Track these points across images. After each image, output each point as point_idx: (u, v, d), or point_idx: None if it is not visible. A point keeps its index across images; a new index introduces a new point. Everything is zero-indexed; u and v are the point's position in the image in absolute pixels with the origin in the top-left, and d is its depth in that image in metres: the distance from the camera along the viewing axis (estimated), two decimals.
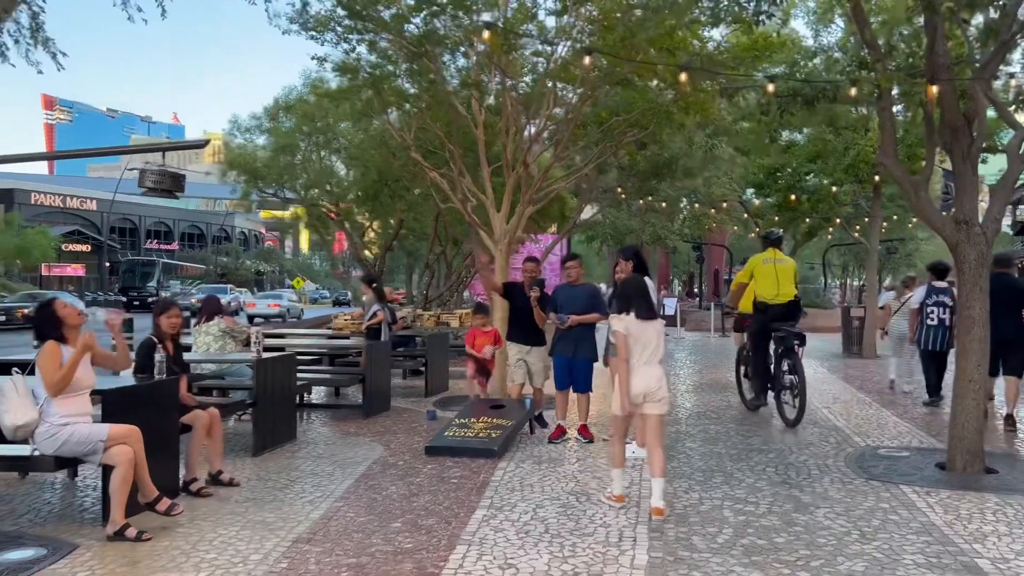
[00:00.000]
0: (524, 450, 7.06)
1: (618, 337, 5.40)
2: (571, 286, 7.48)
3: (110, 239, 67.34)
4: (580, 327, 7.25)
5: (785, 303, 8.67)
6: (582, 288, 7.47)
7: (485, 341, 8.51)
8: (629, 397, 5.28)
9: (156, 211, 79.13)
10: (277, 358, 7.22)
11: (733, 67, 7.81)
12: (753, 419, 8.73)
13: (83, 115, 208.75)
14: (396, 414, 9.08)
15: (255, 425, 6.83)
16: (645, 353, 5.32)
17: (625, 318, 5.43)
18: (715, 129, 12.93)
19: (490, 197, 10.15)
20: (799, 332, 8.55)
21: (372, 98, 10.00)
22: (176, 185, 8.92)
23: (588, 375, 7.41)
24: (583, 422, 7.47)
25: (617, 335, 5.39)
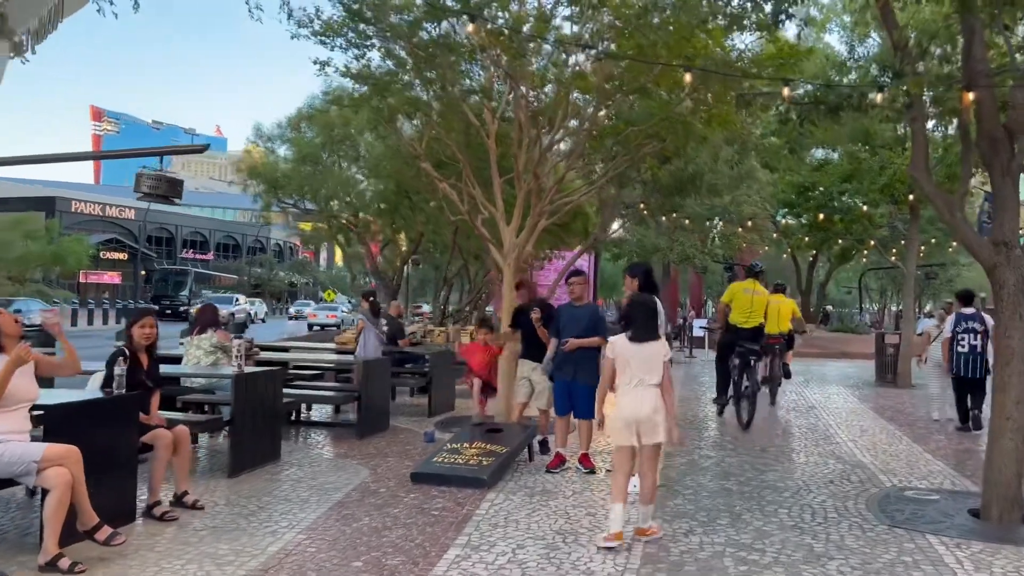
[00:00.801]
0: (518, 480, 6.57)
1: (606, 360, 5.10)
2: (573, 306, 7.00)
3: (147, 248, 68.39)
4: (581, 350, 6.76)
5: (751, 328, 9.99)
6: (584, 308, 6.99)
7: (484, 358, 8.05)
8: (611, 428, 5.00)
9: (193, 221, 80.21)
10: (260, 373, 6.84)
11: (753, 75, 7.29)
12: (772, 452, 8.14)
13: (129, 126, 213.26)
14: (393, 434, 8.65)
15: (231, 444, 6.44)
16: (635, 377, 4.96)
17: (615, 340, 5.12)
18: (742, 144, 12.38)
19: (500, 210, 9.72)
20: (757, 351, 9.90)
21: (381, 105, 9.64)
22: (173, 191, 8.61)
23: (589, 400, 6.87)
24: (584, 451, 6.96)
25: (605, 361, 5.13)
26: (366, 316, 10.39)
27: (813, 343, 23.17)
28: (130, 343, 5.54)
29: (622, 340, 5.06)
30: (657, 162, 12.07)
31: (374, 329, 10.16)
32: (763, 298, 10.22)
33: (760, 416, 10.71)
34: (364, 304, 10.91)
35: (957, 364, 9.58)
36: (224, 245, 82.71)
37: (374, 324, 10.23)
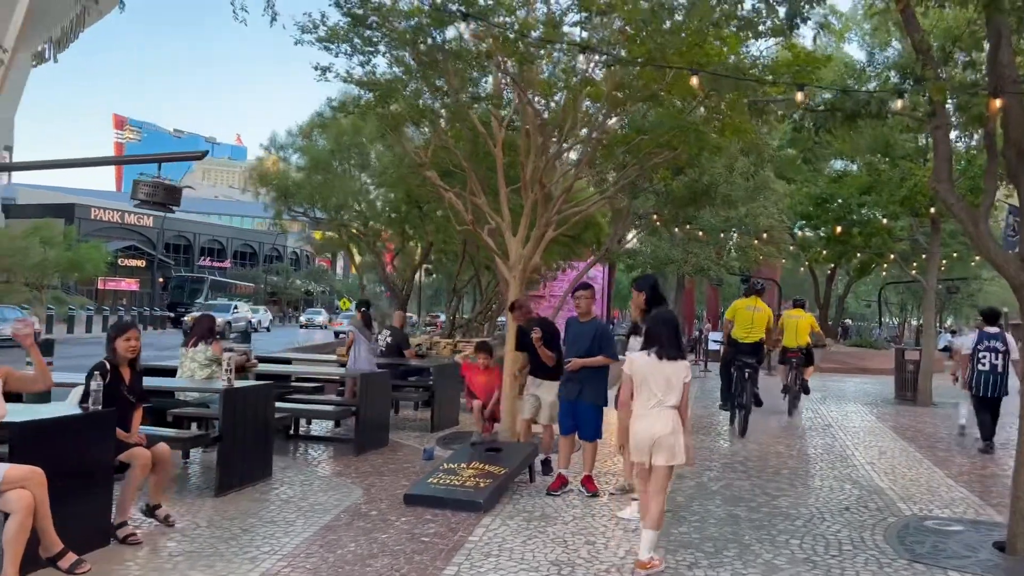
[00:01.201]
0: (517, 502, 6.28)
1: (623, 377, 4.83)
2: (580, 321, 6.71)
3: (165, 255, 68.80)
4: (586, 368, 6.47)
5: (751, 343, 10.57)
6: (590, 324, 6.68)
7: (485, 380, 7.80)
8: (632, 447, 4.78)
9: (210, 229, 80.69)
10: (250, 387, 6.60)
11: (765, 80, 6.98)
12: (786, 475, 7.79)
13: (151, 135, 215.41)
14: (392, 451, 8.38)
15: (219, 462, 6.20)
16: (654, 397, 4.73)
17: (634, 356, 4.88)
18: (757, 155, 12.06)
19: (506, 220, 9.46)
20: (754, 364, 10.47)
21: (385, 112, 9.41)
22: (171, 198, 8.41)
23: (594, 421, 6.60)
24: (588, 473, 6.65)
25: (622, 379, 4.87)
26: (357, 327, 10.14)
27: (831, 358, 22.70)
28: (112, 356, 5.31)
29: (642, 358, 4.83)
30: (670, 173, 11.77)
31: (365, 341, 9.90)
32: (763, 315, 10.71)
33: (774, 433, 10.37)
34: (357, 315, 10.68)
35: (977, 383, 9.51)
36: (241, 253, 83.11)
37: (365, 336, 9.97)
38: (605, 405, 6.65)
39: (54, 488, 4.18)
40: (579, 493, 6.58)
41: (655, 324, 5.00)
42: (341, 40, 9.22)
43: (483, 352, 8.14)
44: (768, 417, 12.19)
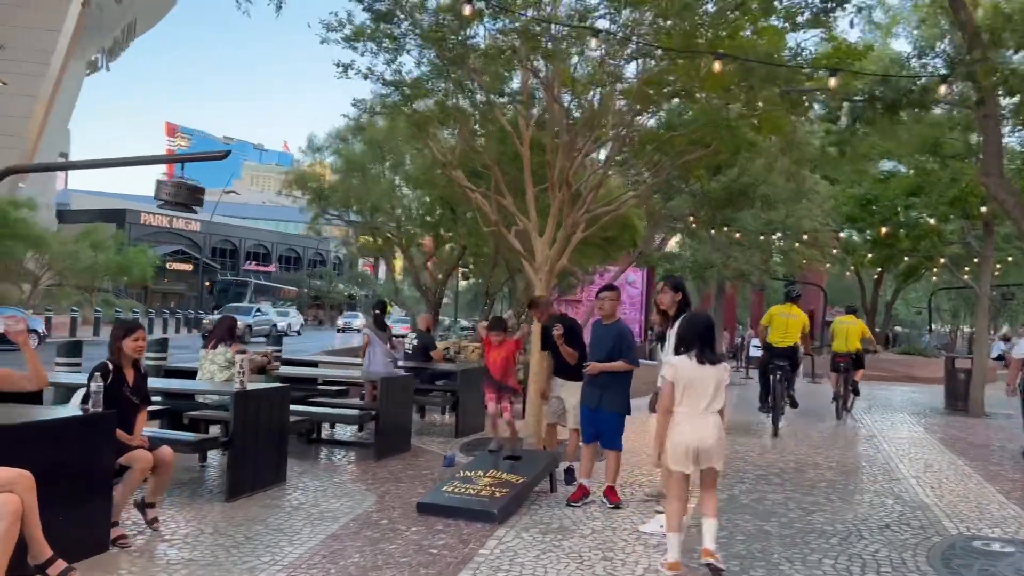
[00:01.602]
0: (535, 513, 6.01)
1: (663, 388, 4.61)
2: (603, 324, 6.41)
3: (211, 259, 70.03)
4: (607, 374, 6.18)
5: (785, 347, 10.91)
6: (612, 327, 6.36)
7: (499, 355, 7.44)
8: (670, 454, 4.60)
9: (256, 234, 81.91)
10: (263, 390, 6.44)
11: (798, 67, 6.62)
12: (823, 488, 7.39)
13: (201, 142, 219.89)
14: (413, 456, 8.17)
15: (229, 467, 6.04)
16: (700, 403, 4.58)
17: (676, 361, 4.65)
18: (798, 154, 11.61)
19: (533, 220, 9.23)
20: (787, 367, 10.88)
21: (410, 112, 9.26)
22: (193, 199, 8.36)
23: (615, 430, 6.29)
24: (610, 484, 6.35)
25: (664, 385, 4.63)
26: (371, 329, 9.96)
27: (878, 366, 21.97)
28: (116, 356, 5.18)
29: (686, 362, 4.63)
30: (705, 172, 11.42)
31: (380, 343, 9.72)
32: (798, 321, 11.02)
33: (814, 443, 9.93)
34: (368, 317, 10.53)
35: None
36: (286, 257, 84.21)
37: (380, 337, 9.79)
38: (628, 413, 6.33)
39: (48, 492, 4.04)
40: (601, 504, 6.29)
41: (691, 326, 4.77)
42: (367, 38, 9.10)
43: (496, 329, 7.72)
44: (809, 425, 11.73)
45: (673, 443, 4.59)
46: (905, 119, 5.86)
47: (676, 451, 4.58)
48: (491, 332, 7.54)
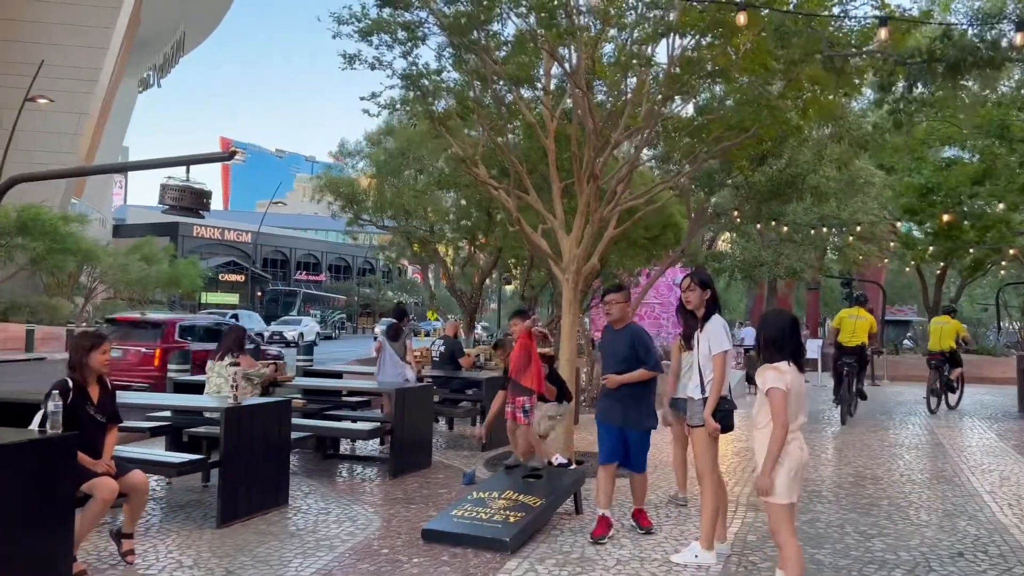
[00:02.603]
0: (554, 540, 5.39)
1: (774, 399, 3.92)
2: (612, 329, 5.67)
3: (263, 270, 71.06)
4: (627, 387, 5.44)
5: (853, 346, 12.18)
6: (624, 332, 5.59)
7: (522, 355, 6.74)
8: (785, 482, 3.94)
9: (306, 244, 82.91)
10: (259, 405, 5.94)
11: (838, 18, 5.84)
12: (885, 508, 6.60)
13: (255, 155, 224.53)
14: (432, 473, 7.62)
15: (220, 490, 5.55)
16: (799, 414, 4.02)
17: (785, 368, 3.98)
18: (851, 141, 10.74)
19: (559, 218, 8.60)
20: (854, 363, 12.09)
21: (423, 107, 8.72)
22: (199, 203, 8.19)
23: (644, 450, 5.58)
24: (640, 506, 5.67)
25: (773, 396, 3.92)
26: (384, 337, 9.43)
27: None
28: (79, 371, 4.71)
29: (791, 369, 3.99)
30: (747, 163, 10.64)
31: (390, 352, 9.19)
32: (864, 322, 12.25)
33: (875, 453, 9.07)
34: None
35: None
36: (335, 267, 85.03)
37: (393, 347, 9.26)
38: (655, 428, 5.64)
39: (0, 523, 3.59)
40: (629, 530, 5.63)
41: (780, 326, 4.10)
42: (383, 30, 8.59)
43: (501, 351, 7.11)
44: (868, 433, 10.85)
45: (789, 467, 3.91)
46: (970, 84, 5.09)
47: (793, 477, 3.92)
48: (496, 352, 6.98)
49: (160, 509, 6.04)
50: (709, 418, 4.85)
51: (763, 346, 4.09)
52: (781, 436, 3.90)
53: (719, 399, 4.90)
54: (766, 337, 4.11)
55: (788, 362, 4.01)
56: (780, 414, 3.91)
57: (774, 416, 3.92)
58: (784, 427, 3.90)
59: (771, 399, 3.94)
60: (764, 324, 4.20)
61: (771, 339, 4.08)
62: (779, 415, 3.91)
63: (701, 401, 4.98)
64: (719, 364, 4.93)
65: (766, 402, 3.98)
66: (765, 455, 3.91)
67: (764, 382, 3.98)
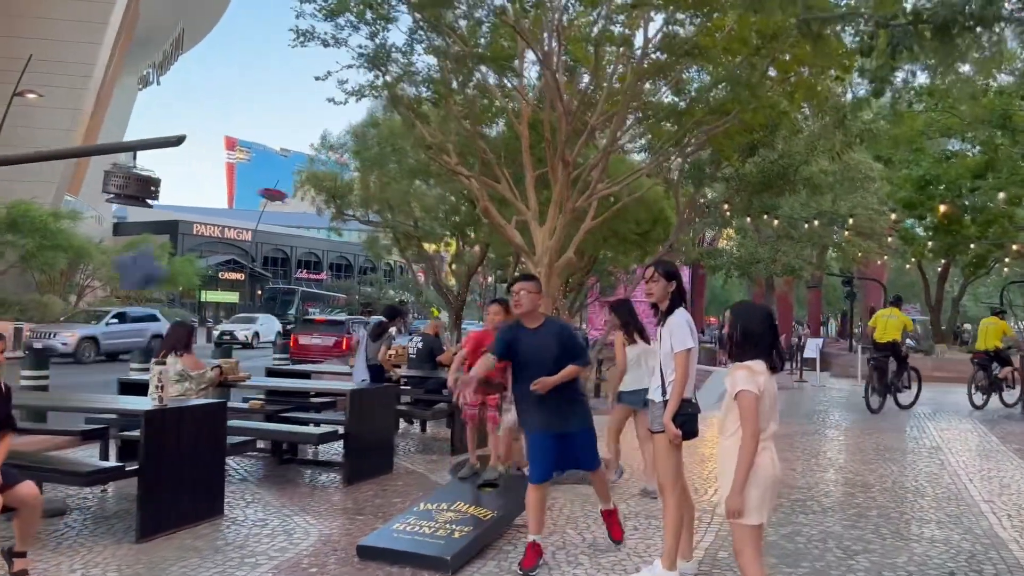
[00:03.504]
0: (505, 557, 4.90)
1: (745, 403, 3.42)
2: (525, 328, 4.90)
3: (263, 268, 70.77)
4: (561, 388, 4.78)
5: (885, 343, 12.95)
6: (545, 330, 4.88)
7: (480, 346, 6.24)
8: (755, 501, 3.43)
9: (307, 242, 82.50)
10: (186, 408, 5.46)
11: None
12: (873, 519, 6.09)
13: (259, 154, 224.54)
14: (392, 480, 7.13)
15: (139, 501, 5.07)
16: (772, 423, 3.53)
17: (757, 367, 3.49)
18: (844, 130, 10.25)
19: (533, 208, 8.12)
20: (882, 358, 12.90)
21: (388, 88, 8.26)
22: (144, 191, 7.48)
23: (595, 445, 5.04)
24: (607, 505, 5.15)
25: (744, 400, 3.42)
26: (363, 335, 8.96)
27: (944, 366, 20.16)
28: None
29: (763, 370, 3.49)
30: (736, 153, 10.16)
31: (362, 351, 8.73)
32: (898, 321, 13.04)
33: (868, 458, 8.57)
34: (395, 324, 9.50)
35: None
36: (337, 265, 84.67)
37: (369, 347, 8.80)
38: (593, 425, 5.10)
39: None
40: (588, 545, 5.13)
41: (762, 320, 3.61)
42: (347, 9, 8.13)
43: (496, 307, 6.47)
44: (865, 436, 10.35)
45: (759, 482, 3.41)
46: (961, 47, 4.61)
47: (765, 494, 3.44)
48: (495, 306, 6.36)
49: (83, 521, 5.57)
50: (669, 423, 4.35)
51: (736, 341, 3.59)
52: (752, 447, 3.41)
53: (681, 402, 4.40)
54: (742, 330, 3.59)
55: (762, 361, 3.53)
56: (751, 421, 3.41)
57: (744, 423, 3.43)
58: (755, 436, 3.41)
59: (741, 403, 3.44)
60: (737, 315, 3.67)
61: (747, 332, 3.57)
62: (750, 422, 3.41)
63: (662, 404, 4.48)
64: (681, 363, 4.43)
65: (735, 406, 3.49)
66: (735, 469, 3.43)
67: (734, 383, 3.48)
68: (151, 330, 24.71)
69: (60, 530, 5.29)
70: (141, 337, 24.29)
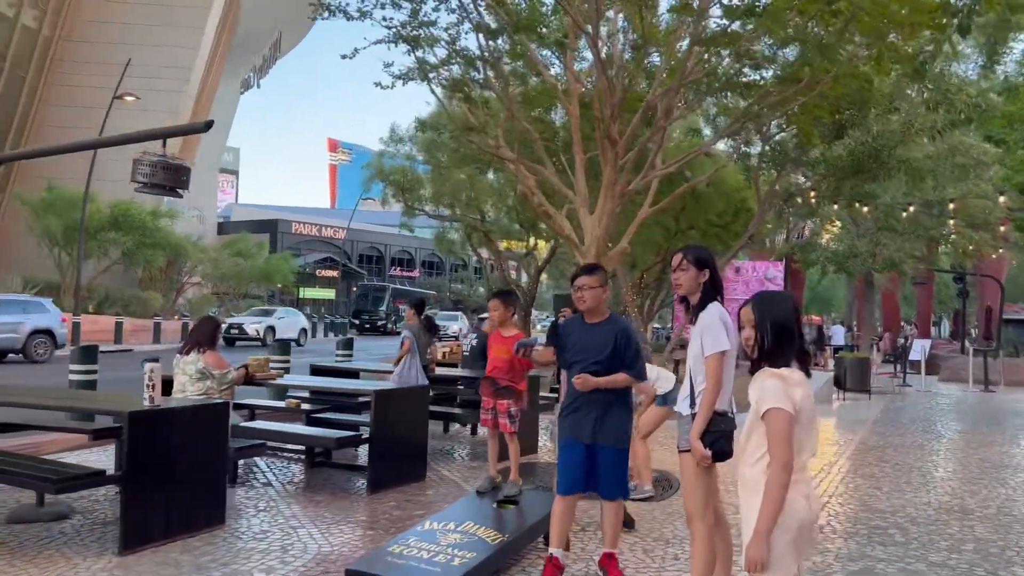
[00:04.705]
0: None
1: (775, 424, 2.65)
2: (584, 322, 4.38)
3: (359, 266, 72.41)
4: (604, 392, 4.22)
5: None
6: (605, 327, 4.32)
7: (501, 352, 5.70)
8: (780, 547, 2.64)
9: (400, 240, 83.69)
10: (177, 410, 5.03)
11: None
12: (967, 554, 5.13)
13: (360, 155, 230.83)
14: (422, 489, 6.58)
15: (123, 510, 4.67)
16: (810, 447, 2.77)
17: (793, 377, 2.72)
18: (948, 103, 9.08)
19: (582, 194, 7.42)
20: None
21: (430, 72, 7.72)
22: (175, 180, 7.13)
23: (620, 471, 4.33)
24: (611, 549, 4.39)
25: (775, 420, 2.65)
26: (413, 332, 8.40)
27: None
28: None
29: (802, 380, 2.74)
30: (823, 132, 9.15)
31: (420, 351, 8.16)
32: None
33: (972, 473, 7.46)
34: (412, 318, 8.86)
35: None
36: (429, 263, 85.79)
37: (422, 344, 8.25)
38: (628, 448, 4.38)
39: None
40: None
41: (786, 315, 2.83)
42: None
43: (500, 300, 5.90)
44: (968, 448, 9.16)
45: (790, 526, 2.65)
46: None
47: (797, 540, 2.67)
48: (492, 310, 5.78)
49: (79, 527, 5.24)
50: (696, 442, 3.60)
51: (766, 343, 2.80)
52: (782, 480, 2.62)
53: (713, 415, 3.64)
54: (774, 327, 2.78)
55: (798, 367, 2.77)
56: (782, 447, 2.63)
57: (773, 449, 2.65)
58: (787, 467, 2.63)
59: (771, 424, 2.66)
60: (764, 309, 2.84)
61: (781, 329, 2.78)
62: (780, 448, 2.63)
63: (690, 418, 3.74)
64: (714, 368, 3.66)
65: (760, 426, 2.72)
66: (759, 509, 2.66)
67: (762, 397, 2.70)
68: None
69: (51, 536, 4.97)
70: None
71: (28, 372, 16.18)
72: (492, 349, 5.82)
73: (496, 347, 5.76)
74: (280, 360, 9.88)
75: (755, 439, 2.73)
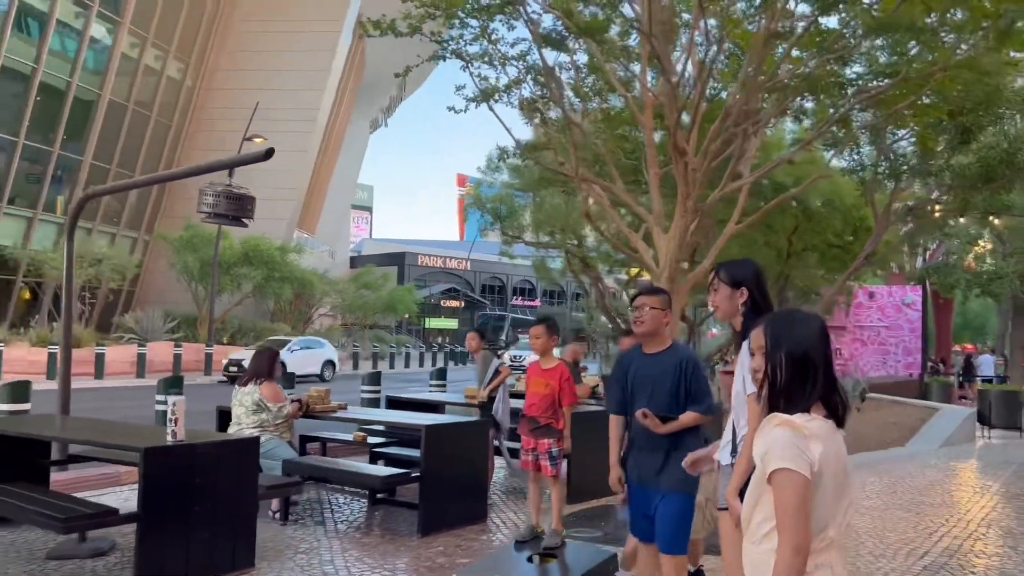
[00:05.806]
0: None
1: (785, 491, 2.00)
2: (643, 352, 3.89)
3: (481, 296, 73.44)
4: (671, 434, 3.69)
5: None
6: (665, 356, 3.81)
7: (539, 387, 5.16)
8: None
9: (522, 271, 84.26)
10: (203, 444, 4.79)
11: None
12: None
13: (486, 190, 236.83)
14: (478, 533, 6.09)
15: (136, 553, 4.44)
16: (839, 516, 2.09)
17: (809, 426, 2.06)
18: None
19: (656, 212, 6.81)
20: None
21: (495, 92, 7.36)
22: (240, 210, 7.13)
23: (682, 521, 3.73)
24: None
25: (783, 485, 2.00)
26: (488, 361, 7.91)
27: None
28: None
29: (824, 430, 2.07)
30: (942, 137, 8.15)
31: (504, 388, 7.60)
32: None
33: None
34: (476, 346, 8.28)
35: None
36: (550, 292, 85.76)
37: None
38: (695, 495, 3.76)
39: None
40: None
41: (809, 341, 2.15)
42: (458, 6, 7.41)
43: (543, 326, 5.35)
44: None
45: None
46: None
47: None
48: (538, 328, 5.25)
49: (110, 565, 5.08)
50: (733, 497, 2.95)
51: (780, 377, 2.17)
52: (792, 567, 1.94)
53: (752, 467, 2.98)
54: (792, 356, 2.12)
55: (819, 413, 2.10)
56: (793, 523, 1.94)
57: (781, 525, 1.98)
58: (799, 550, 1.94)
59: (777, 491, 2.00)
60: (778, 332, 2.18)
61: (801, 360, 2.12)
62: (791, 525, 1.95)
63: (731, 468, 3.10)
64: (756, 411, 3.02)
65: (767, 492, 2.08)
66: None
67: (767, 454, 2.05)
68: None
69: (82, 573, 4.83)
70: None
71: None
72: (530, 383, 5.30)
73: (535, 380, 5.25)
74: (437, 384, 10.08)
75: (762, 509, 2.09)
